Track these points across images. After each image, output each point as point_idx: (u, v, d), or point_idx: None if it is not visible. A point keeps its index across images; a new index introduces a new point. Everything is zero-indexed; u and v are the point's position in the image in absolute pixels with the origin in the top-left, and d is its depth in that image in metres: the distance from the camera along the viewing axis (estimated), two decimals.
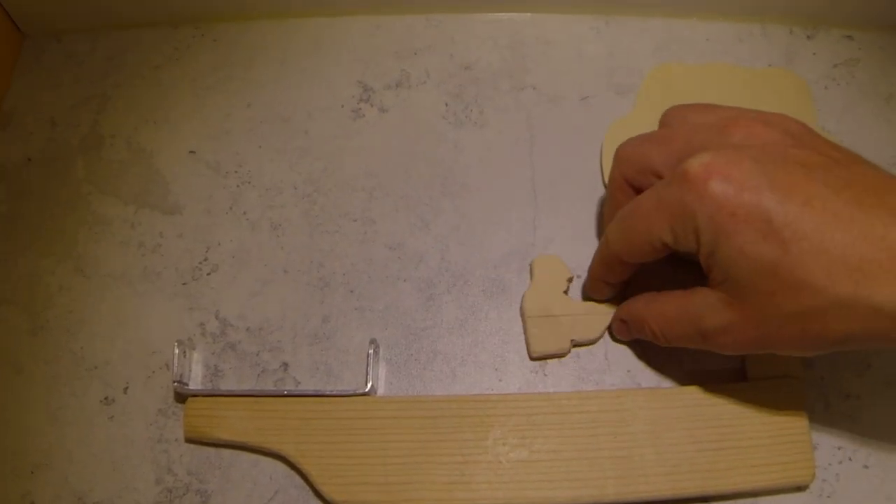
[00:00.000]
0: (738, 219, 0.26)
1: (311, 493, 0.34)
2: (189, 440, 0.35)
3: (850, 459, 0.35)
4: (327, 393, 0.35)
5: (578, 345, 0.37)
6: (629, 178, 0.32)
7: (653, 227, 0.30)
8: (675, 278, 0.34)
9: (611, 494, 0.34)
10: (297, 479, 0.34)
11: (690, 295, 0.31)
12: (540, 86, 0.41)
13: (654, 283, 0.35)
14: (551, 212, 0.39)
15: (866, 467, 0.35)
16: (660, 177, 0.31)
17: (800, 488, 0.35)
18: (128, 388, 0.36)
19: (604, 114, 0.40)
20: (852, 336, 0.27)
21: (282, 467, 0.35)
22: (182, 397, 0.35)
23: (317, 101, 0.40)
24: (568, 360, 0.37)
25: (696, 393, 0.36)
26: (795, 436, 0.35)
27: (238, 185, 0.39)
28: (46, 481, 0.34)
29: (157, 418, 0.36)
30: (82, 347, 0.36)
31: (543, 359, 0.36)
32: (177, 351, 0.35)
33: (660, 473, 0.35)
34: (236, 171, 0.39)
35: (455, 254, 0.38)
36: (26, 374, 0.36)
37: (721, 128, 0.30)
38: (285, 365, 0.36)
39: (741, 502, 0.34)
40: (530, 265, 0.37)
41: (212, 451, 0.35)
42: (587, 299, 0.37)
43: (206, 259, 0.38)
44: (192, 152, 0.40)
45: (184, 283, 0.37)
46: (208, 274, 0.38)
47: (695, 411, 0.36)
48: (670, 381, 0.37)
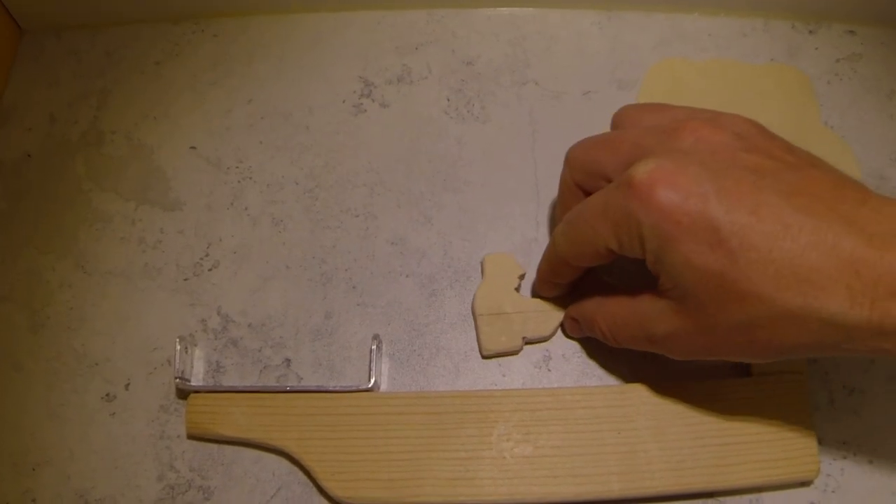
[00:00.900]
0: (683, 227, 0.25)
1: (314, 490, 0.34)
2: (191, 437, 0.35)
3: (855, 455, 0.35)
4: (330, 389, 0.35)
5: (531, 342, 0.36)
6: (578, 182, 0.31)
7: (598, 233, 0.29)
8: (625, 274, 0.34)
9: (615, 490, 0.34)
10: (301, 475, 0.34)
11: (640, 299, 0.31)
12: (542, 81, 0.41)
13: (605, 279, 0.35)
14: (554, 207, 0.38)
15: (871, 462, 0.35)
16: (609, 180, 0.29)
17: (804, 484, 0.35)
18: (129, 384, 0.36)
19: (606, 109, 0.39)
20: (802, 345, 0.26)
21: (285, 464, 0.35)
22: (184, 394, 0.35)
23: (318, 96, 0.40)
24: (571, 356, 0.36)
25: (700, 388, 0.36)
26: (799, 431, 0.35)
27: (239, 181, 0.39)
28: (48, 479, 0.34)
29: (158, 415, 0.35)
30: (83, 344, 0.36)
31: (496, 357, 0.36)
32: (178, 347, 0.35)
33: (664, 469, 0.35)
34: (237, 167, 0.39)
35: (457, 249, 0.38)
36: (27, 371, 0.36)
37: (671, 131, 0.28)
38: (288, 361, 0.36)
39: (746, 498, 0.34)
40: (481, 262, 0.37)
41: (214, 447, 0.35)
42: (535, 296, 0.36)
43: (207, 255, 0.38)
44: (192, 148, 0.39)
45: (185, 279, 0.37)
46: (209, 270, 0.37)
47: (699, 407, 0.36)
48: (674, 376, 0.37)
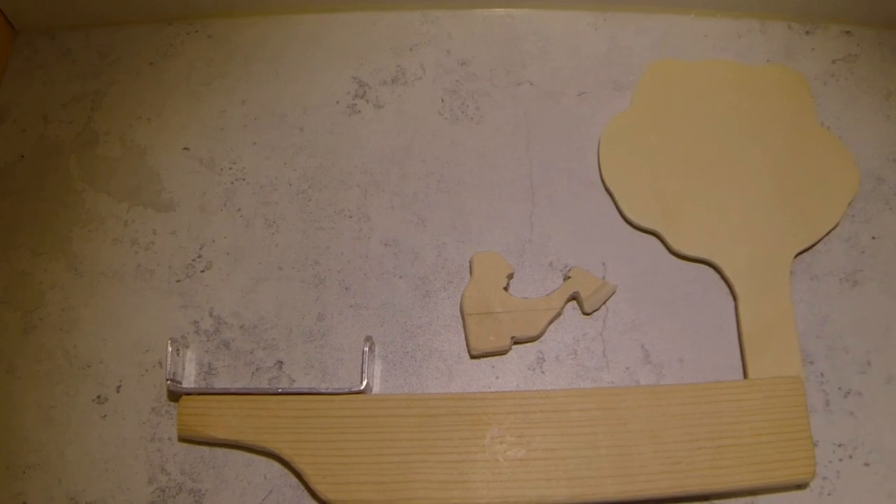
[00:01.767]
0: None
1: (305, 493, 0.34)
2: (182, 439, 0.35)
3: (851, 457, 0.35)
4: (322, 391, 0.34)
5: (519, 342, 0.36)
6: None
7: None
8: None
9: (609, 493, 0.34)
10: (292, 478, 0.34)
11: None
12: (537, 82, 0.41)
13: None
14: (548, 208, 0.38)
15: (867, 465, 0.35)
16: None
17: (800, 486, 0.34)
18: (121, 386, 0.36)
19: (601, 109, 0.40)
20: None
21: (276, 466, 0.34)
22: (175, 396, 0.35)
23: (312, 97, 0.40)
24: (566, 358, 0.36)
25: (696, 391, 0.36)
26: (795, 433, 0.35)
27: (232, 182, 0.38)
28: (39, 481, 0.34)
29: (150, 417, 0.35)
30: (75, 346, 0.36)
31: (484, 357, 0.36)
32: (170, 349, 0.35)
33: (659, 472, 0.34)
34: (230, 168, 0.39)
35: (451, 250, 0.37)
36: (18, 373, 0.36)
37: None
38: (280, 363, 0.36)
39: (741, 501, 0.34)
40: (470, 261, 0.37)
41: (205, 450, 0.35)
42: None
43: (199, 256, 0.37)
44: (185, 149, 0.39)
45: (177, 281, 0.37)
46: (202, 271, 0.37)
47: (694, 409, 0.36)
48: (670, 379, 0.36)
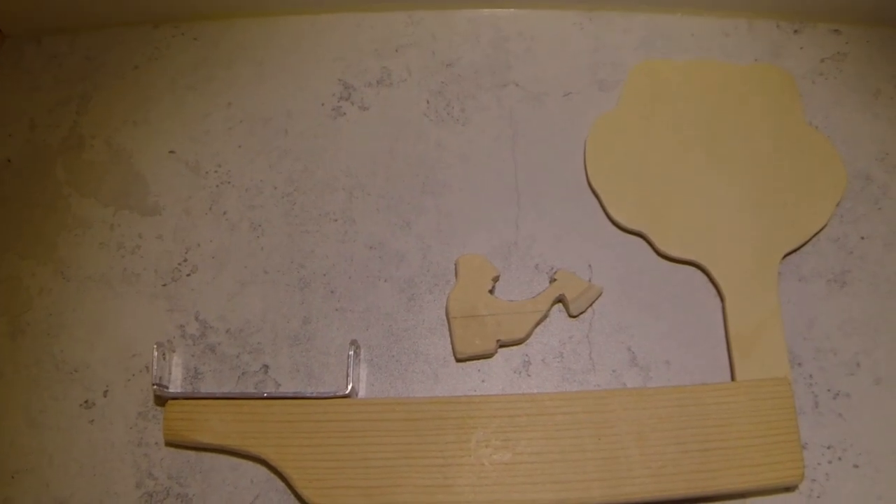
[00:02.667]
0: None
1: (292, 497, 0.34)
2: (169, 444, 0.35)
3: (840, 459, 0.35)
4: (307, 395, 0.34)
5: (505, 345, 0.36)
6: None
7: None
8: None
9: (596, 496, 0.34)
10: (278, 482, 0.34)
11: None
12: (522, 82, 0.40)
13: None
14: (534, 210, 0.38)
15: (856, 467, 0.35)
16: None
17: (788, 489, 0.34)
18: (108, 391, 0.36)
19: (587, 110, 0.40)
20: None
21: (262, 471, 0.34)
22: (162, 400, 0.35)
23: (297, 99, 0.40)
24: (552, 361, 0.36)
25: (683, 393, 0.36)
26: (783, 436, 0.35)
27: (217, 186, 0.38)
28: (27, 487, 0.34)
29: (137, 421, 0.35)
30: (62, 350, 0.36)
31: (470, 360, 0.36)
32: (156, 353, 0.35)
33: (645, 475, 0.34)
34: (216, 171, 0.39)
35: (436, 253, 0.37)
36: (6, 378, 0.36)
37: None
38: (266, 367, 0.36)
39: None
40: (455, 264, 0.36)
41: (192, 454, 0.35)
42: None
43: (185, 260, 0.37)
44: (171, 152, 0.39)
45: (163, 285, 0.37)
46: (188, 275, 0.37)
47: (681, 412, 0.35)
48: (657, 381, 0.36)
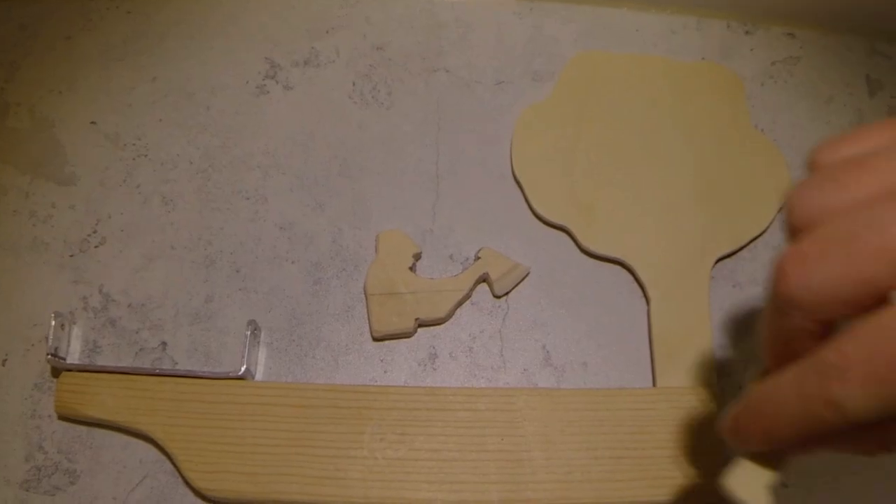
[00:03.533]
0: None
1: (179, 480, 0.33)
2: (61, 417, 0.34)
3: None
4: (200, 374, 0.33)
5: (424, 324, 0.35)
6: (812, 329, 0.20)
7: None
8: None
9: (494, 500, 0.32)
10: (167, 464, 0.33)
11: None
12: (454, 69, 0.39)
13: None
14: (454, 199, 0.37)
15: (786, 486, 0.33)
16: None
17: None
18: (6, 360, 0.35)
19: (518, 100, 0.39)
20: None
21: (153, 451, 0.33)
22: (58, 372, 0.34)
23: (222, 76, 0.39)
24: (460, 355, 0.35)
25: (597, 396, 0.34)
26: (705, 448, 0.33)
27: (134, 158, 0.38)
28: None
29: (32, 393, 0.34)
30: None
31: (387, 339, 0.35)
32: (53, 323, 0.34)
33: (549, 480, 0.33)
34: (134, 144, 0.38)
35: (348, 237, 0.36)
36: None
37: None
38: (164, 344, 0.35)
39: None
40: (375, 239, 0.35)
41: (83, 429, 0.34)
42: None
43: (95, 231, 0.37)
44: (93, 123, 0.39)
45: (71, 255, 0.36)
46: (96, 247, 0.36)
47: (593, 416, 0.34)
48: (571, 382, 0.35)
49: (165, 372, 0.33)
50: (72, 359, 0.35)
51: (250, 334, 0.33)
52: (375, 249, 0.35)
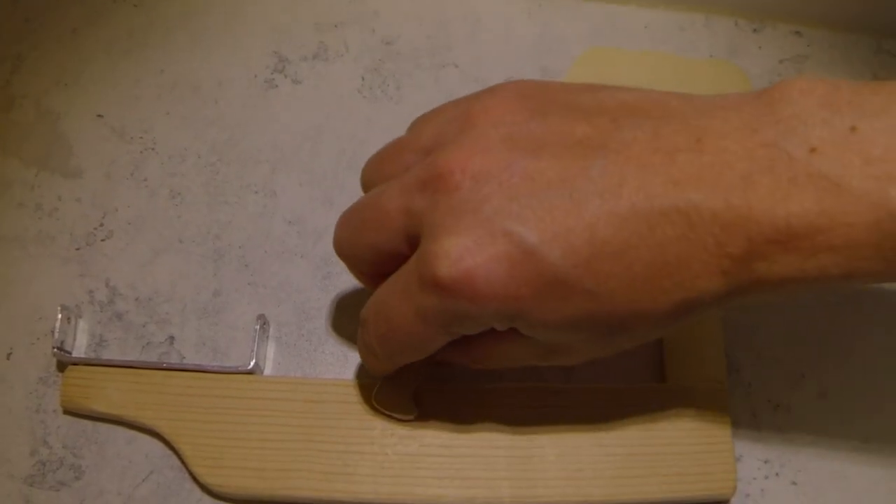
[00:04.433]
0: (527, 300, 0.23)
1: (186, 476, 0.33)
2: (66, 411, 0.34)
3: (778, 475, 0.33)
4: (207, 368, 0.33)
5: None
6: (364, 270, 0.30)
7: (426, 339, 0.26)
8: None
9: (505, 496, 0.32)
10: (174, 459, 0.33)
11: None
12: (463, 65, 0.39)
13: None
14: None
15: (795, 484, 0.33)
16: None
17: (719, 502, 0.32)
18: (11, 354, 0.35)
19: None
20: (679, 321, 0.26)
21: (159, 446, 0.33)
22: (64, 366, 0.34)
23: (230, 70, 0.39)
24: None
25: (607, 393, 0.34)
26: (716, 445, 0.33)
27: (141, 152, 0.38)
28: None
29: (37, 387, 0.34)
30: None
31: None
32: (59, 316, 0.34)
33: (560, 477, 0.33)
34: (141, 137, 0.38)
35: None
36: None
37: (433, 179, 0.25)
38: (172, 338, 0.34)
39: None
40: None
41: (89, 424, 0.34)
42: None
43: (101, 225, 0.36)
44: (99, 116, 0.38)
45: (77, 249, 0.36)
46: (102, 240, 0.36)
47: (604, 412, 0.34)
48: (579, 379, 0.35)
49: (173, 366, 0.33)
50: (78, 353, 0.35)
51: (259, 329, 0.33)
52: None
